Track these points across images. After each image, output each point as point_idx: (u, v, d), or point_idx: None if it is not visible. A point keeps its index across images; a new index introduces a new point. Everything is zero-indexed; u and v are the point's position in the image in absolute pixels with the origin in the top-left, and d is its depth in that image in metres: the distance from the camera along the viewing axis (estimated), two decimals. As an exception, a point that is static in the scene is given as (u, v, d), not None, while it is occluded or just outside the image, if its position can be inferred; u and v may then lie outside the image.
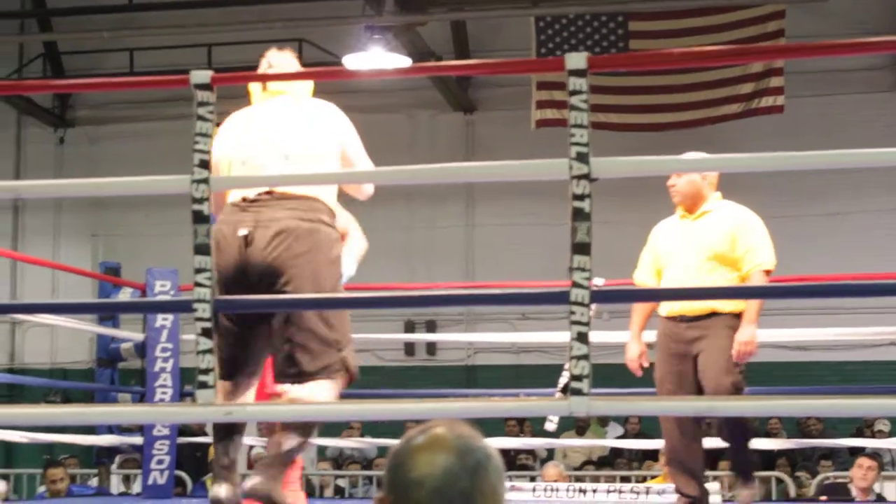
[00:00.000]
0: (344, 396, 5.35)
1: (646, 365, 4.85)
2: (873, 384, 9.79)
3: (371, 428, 9.91)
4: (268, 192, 3.72)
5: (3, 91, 11.89)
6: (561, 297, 2.81)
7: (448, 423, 1.78)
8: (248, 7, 11.86)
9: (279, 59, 4.04)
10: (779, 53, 7.30)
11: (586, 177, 2.82)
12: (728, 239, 4.77)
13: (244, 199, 3.74)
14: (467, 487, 1.70)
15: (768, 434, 9.34)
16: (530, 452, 9.85)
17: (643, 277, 4.95)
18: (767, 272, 4.73)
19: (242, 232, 3.67)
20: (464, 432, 1.76)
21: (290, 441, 3.71)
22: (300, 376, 3.68)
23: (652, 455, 9.21)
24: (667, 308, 4.81)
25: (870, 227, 11.70)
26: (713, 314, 4.68)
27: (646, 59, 6.65)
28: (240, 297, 3.53)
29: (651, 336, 4.91)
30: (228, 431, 3.85)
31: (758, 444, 6.40)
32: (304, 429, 3.73)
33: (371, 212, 14.33)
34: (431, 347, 12.26)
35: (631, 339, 4.89)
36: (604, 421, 10.82)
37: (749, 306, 4.64)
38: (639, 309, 4.90)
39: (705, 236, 4.81)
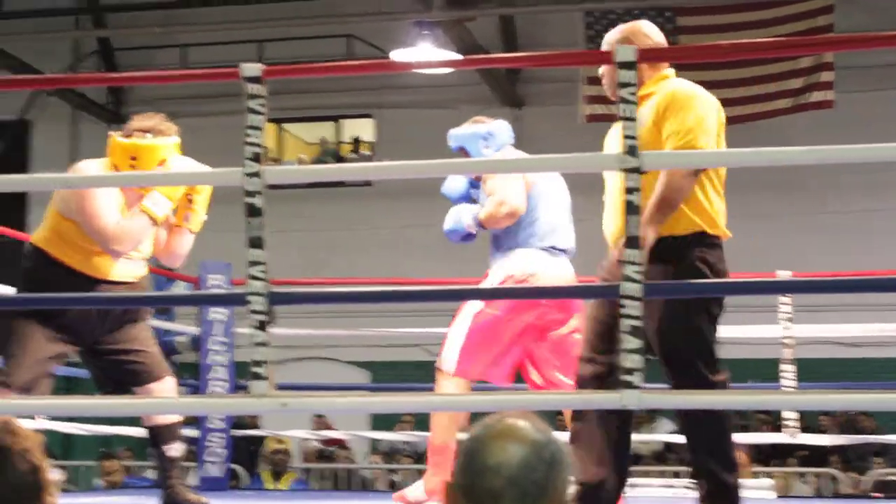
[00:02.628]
0: (399, 390, 5.43)
1: None
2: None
3: (423, 422, 9.93)
4: None
5: (57, 84, 12.10)
6: (612, 291, 2.81)
7: (523, 415, 1.79)
8: (299, 3, 11.97)
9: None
10: (828, 46, 7.23)
11: (637, 170, 2.79)
12: (652, 130, 3.48)
13: None
14: (542, 479, 1.70)
15: (820, 431, 9.30)
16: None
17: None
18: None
19: None
20: (539, 425, 1.76)
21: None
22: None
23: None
24: None
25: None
26: None
27: (695, 52, 6.57)
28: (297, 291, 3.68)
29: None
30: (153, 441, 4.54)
31: (808, 439, 6.35)
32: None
33: (407, 208, 14.29)
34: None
35: None
36: (652, 417, 10.81)
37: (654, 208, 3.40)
38: None
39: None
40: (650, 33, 3.75)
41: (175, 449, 4.58)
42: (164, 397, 4.46)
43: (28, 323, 4.24)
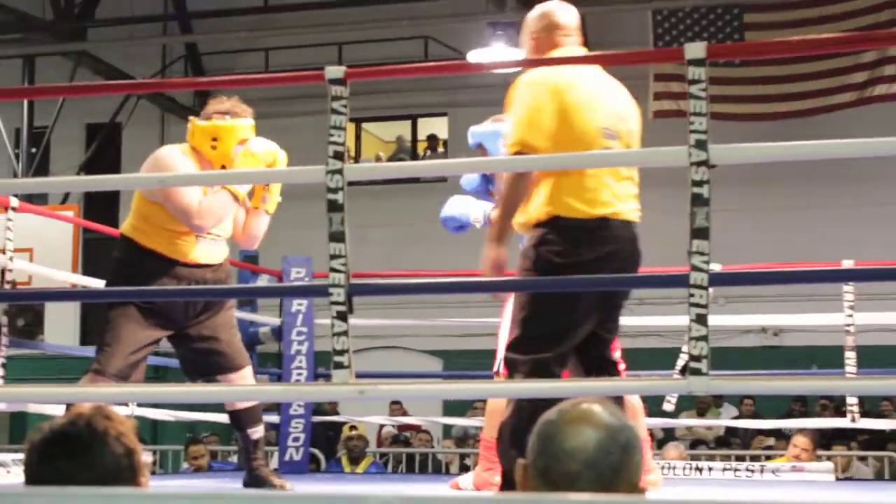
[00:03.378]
0: (471, 378, 5.50)
1: None
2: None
3: (495, 409, 10.10)
4: None
5: (147, 89, 12.47)
6: (680, 280, 2.84)
7: (597, 400, 1.82)
8: (377, 6, 12.13)
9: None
10: (893, 41, 7.33)
11: (705, 163, 2.83)
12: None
13: None
14: (617, 462, 1.72)
15: (881, 415, 9.35)
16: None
17: None
18: (517, 154, 3.54)
19: None
20: (613, 410, 1.79)
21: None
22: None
23: (765, 435, 9.34)
24: None
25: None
26: None
27: (763, 48, 6.63)
28: (375, 283, 3.92)
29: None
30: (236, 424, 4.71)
31: (870, 424, 6.40)
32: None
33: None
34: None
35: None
36: (718, 402, 10.93)
37: (497, 216, 3.61)
38: None
39: None
40: (546, 13, 3.82)
41: (257, 431, 4.72)
42: (247, 384, 4.58)
43: (121, 312, 4.35)
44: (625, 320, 9.02)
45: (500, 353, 4.51)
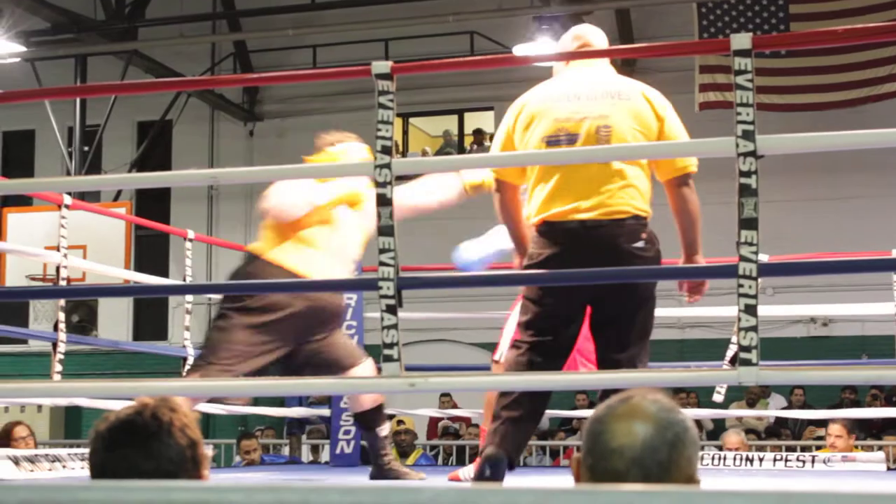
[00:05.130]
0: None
1: None
2: None
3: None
4: None
5: (197, 86, 12.64)
6: (729, 271, 2.86)
7: (648, 392, 1.77)
8: (422, 2, 12.24)
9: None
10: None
11: (752, 154, 2.84)
12: None
13: None
14: (665, 459, 1.68)
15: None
16: (696, 423, 9.95)
17: None
18: (496, 181, 4.05)
19: None
20: (664, 404, 1.74)
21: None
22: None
23: (815, 425, 9.32)
24: None
25: None
26: None
27: (809, 38, 6.59)
28: (423, 276, 4.03)
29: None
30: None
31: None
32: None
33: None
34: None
35: None
36: (766, 392, 10.91)
37: None
38: None
39: None
40: (579, 36, 4.08)
41: (384, 429, 4.89)
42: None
43: (226, 328, 4.38)
44: (674, 311, 9.08)
45: (502, 345, 4.71)
